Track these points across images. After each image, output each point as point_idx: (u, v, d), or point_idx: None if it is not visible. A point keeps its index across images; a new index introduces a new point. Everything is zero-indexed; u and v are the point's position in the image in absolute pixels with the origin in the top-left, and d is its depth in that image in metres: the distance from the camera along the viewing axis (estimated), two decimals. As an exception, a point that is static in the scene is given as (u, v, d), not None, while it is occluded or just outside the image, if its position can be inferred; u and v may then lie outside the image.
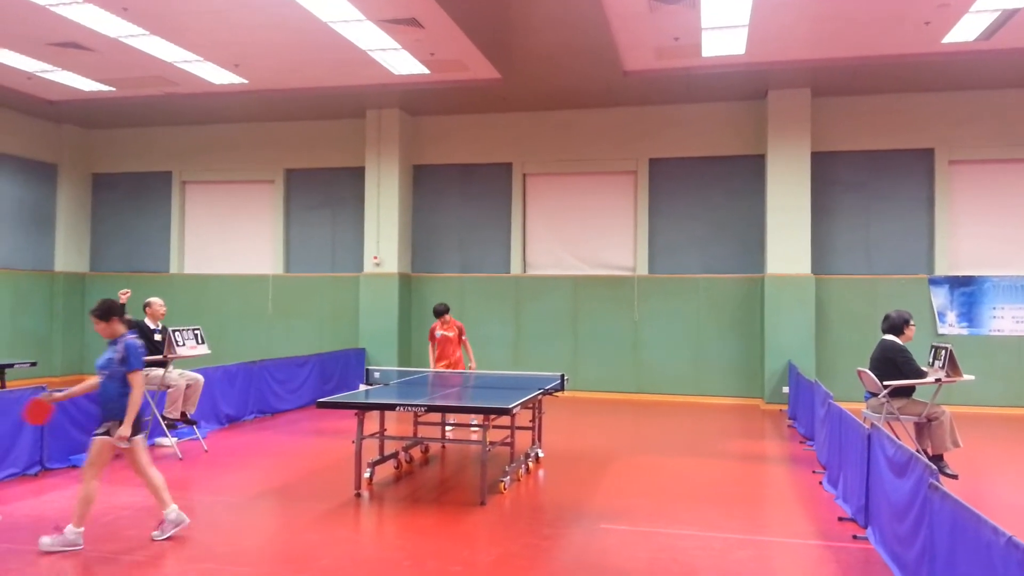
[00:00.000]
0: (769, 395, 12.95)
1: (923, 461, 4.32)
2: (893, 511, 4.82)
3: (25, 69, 12.26)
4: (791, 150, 12.94)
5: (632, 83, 12.64)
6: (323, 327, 15.33)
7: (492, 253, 14.82)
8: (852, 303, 13.09)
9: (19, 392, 7.39)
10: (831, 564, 5.14)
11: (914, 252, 13.09)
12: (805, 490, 7.21)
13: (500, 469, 7.38)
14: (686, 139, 13.92)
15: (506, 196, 14.76)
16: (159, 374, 8.50)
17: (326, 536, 5.66)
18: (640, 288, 14.04)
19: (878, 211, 13.23)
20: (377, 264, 14.55)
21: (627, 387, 14.00)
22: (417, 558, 5.18)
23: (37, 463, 7.44)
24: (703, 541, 5.61)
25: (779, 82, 12.65)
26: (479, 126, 14.83)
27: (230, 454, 8.71)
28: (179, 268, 16.21)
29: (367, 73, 12.24)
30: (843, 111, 13.25)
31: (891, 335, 7.79)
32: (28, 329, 15.29)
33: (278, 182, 15.72)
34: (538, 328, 14.42)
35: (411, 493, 7.03)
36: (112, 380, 5.41)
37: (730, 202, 13.82)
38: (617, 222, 14.35)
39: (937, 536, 3.77)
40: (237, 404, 10.72)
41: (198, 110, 14.84)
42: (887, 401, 7.44)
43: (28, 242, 15.51)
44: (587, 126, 14.35)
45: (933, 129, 12.97)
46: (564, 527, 5.95)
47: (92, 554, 5.15)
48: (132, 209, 16.56)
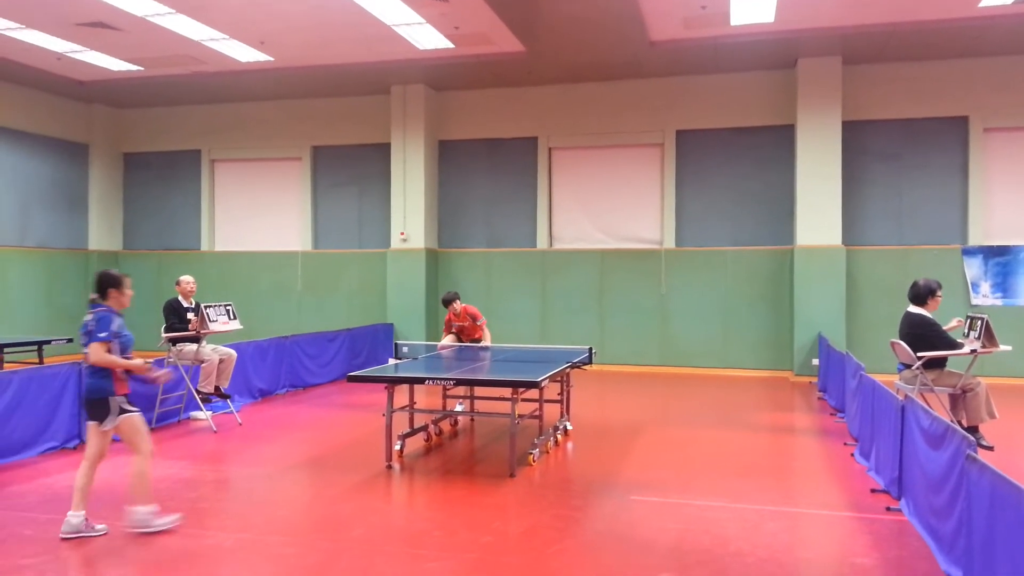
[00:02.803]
0: (799, 367, 12.86)
1: (960, 432, 4.26)
2: (928, 483, 4.78)
3: (55, 50, 12.37)
4: (821, 119, 12.72)
5: (659, 53, 12.46)
6: (351, 303, 15.44)
7: (518, 227, 14.79)
8: (883, 274, 12.90)
9: (56, 368, 7.54)
10: (864, 536, 5.11)
11: (947, 222, 12.85)
12: (837, 462, 7.17)
13: (529, 442, 7.42)
14: (714, 110, 13.74)
15: (532, 170, 14.70)
16: (193, 349, 8.63)
17: (358, 506, 5.74)
18: (667, 261, 13.95)
19: (910, 180, 12.99)
20: (404, 240, 14.59)
21: (654, 360, 13.97)
22: (448, 528, 5.24)
23: (75, 436, 7.60)
24: (734, 512, 5.61)
25: (809, 50, 12.41)
26: (504, 100, 14.74)
27: (263, 427, 8.84)
28: (210, 246, 16.39)
29: (392, 48, 12.20)
30: (875, 79, 12.97)
31: (915, 305, 7.67)
32: (63, 307, 15.56)
33: (305, 159, 15.79)
34: (565, 302, 14.40)
35: (441, 465, 7.10)
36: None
37: (759, 173, 13.65)
38: (644, 195, 14.24)
39: (975, 508, 3.73)
40: (269, 378, 10.86)
41: (225, 88, 14.90)
42: (921, 372, 7.35)
43: (62, 221, 15.75)
44: (613, 98, 14.20)
45: (968, 96, 12.67)
46: (594, 498, 5.98)
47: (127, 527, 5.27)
48: (163, 188, 16.73)
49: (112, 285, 5.28)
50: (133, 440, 5.20)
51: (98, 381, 5.11)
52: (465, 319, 9.86)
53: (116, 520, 5.33)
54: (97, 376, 5.12)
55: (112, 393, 5.12)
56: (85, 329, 5.14)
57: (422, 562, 4.64)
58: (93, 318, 5.13)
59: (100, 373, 5.12)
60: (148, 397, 8.51)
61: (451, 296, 9.80)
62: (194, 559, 4.66)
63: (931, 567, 4.47)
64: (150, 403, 8.51)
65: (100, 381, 5.11)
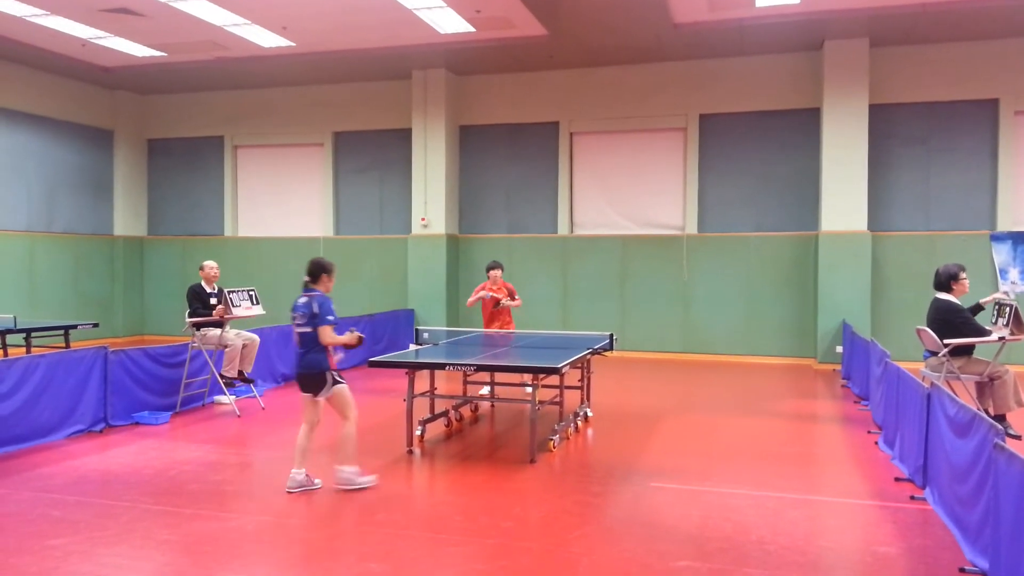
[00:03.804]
0: (822, 355, 12.74)
1: (987, 421, 4.20)
2: (954, 472, 4.71)
3: (79, 36, 12.47)
4: (848, 103, 12.53)
5: (683, 36, 12.32)
6: (373, 288, 15.50)
7: (539, 213, 14.74)
8: (910, 260, 12.73)
9: (83, 352, 7.64)
10: (888, 524, 5.06)
11: (975, 207, 12.64)
12: (860, 450, 7.10)
13: (549, 428, 7.42)
14: (738, 93, 13.57)
15: (553, 155, 14.63)
16: (217, 334, 8.70)
17: (379, 491, 5.77)
18: (690, 247, 13.85)
19: (938, 165, 12.77)
20: (425, 226, 14.60)
21: (676, 347, 13.91)
22: (469, 513, 5.26)
23: (102, 420, 7.71)
24: (756, 500, 5.58)
25: (836, 32, 12.21)
26: (525, 84, 14.66)
27: (286, 411, 8.91)
28: (233, 231, 16.50)
29: (413, 33, 12.17)
30: (902, 61, 12.75)
31: (942, 291, 7.56)
32: (90, 291, 15.77)
33: (327, 145, 15.82)
34: (586, 288, 14.36)
35: (462, 450, 7.12)
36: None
37: (783, 158, 13.49)
38: (666, 180, 14.13)
39: (1003, 497, 3.67)
40: (292, 363, 10.91)
41: (248, 74, 14.96)
42: (947, 360, 7.25)
43: (88, 207, 15.93)
44: (636, 82, 14.08)
45: (998, 78, 12.41)
46: (614, 485, 5.97)
47: (154, 507, 5.34)
48: (186, 174, 16.86)
49: (324, 271, 5.88)
50: (343, 408, 5.83)
51: (316, 357, 5.70)
52: (501, 290, 9.86)
53: (139, 496, 5.41)
54: (315, 352, 5.70)
55: (328, 368, 5.74)
56: (306, 310, 5.70)
57: (443, 546, 4.66)
58: (315, 302, 5.70)
59: (318, 350, 5.70)
60: (172, 381, 8.62)
61: (495, 264, 9.85)
62: (218, 541, 4.71)
63: (956, 556, 4.42)
64: (174, 387, 8.60)
65: (318, 357, 5.71)
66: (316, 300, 5.72)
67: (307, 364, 5.74)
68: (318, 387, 5.77)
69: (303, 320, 5.72)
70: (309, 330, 5.70)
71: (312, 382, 5.77)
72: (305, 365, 5.76)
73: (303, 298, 5.80)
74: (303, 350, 5.77)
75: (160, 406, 8.42)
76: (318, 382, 5.76)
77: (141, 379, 8.24)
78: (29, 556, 4.42)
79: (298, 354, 5.85)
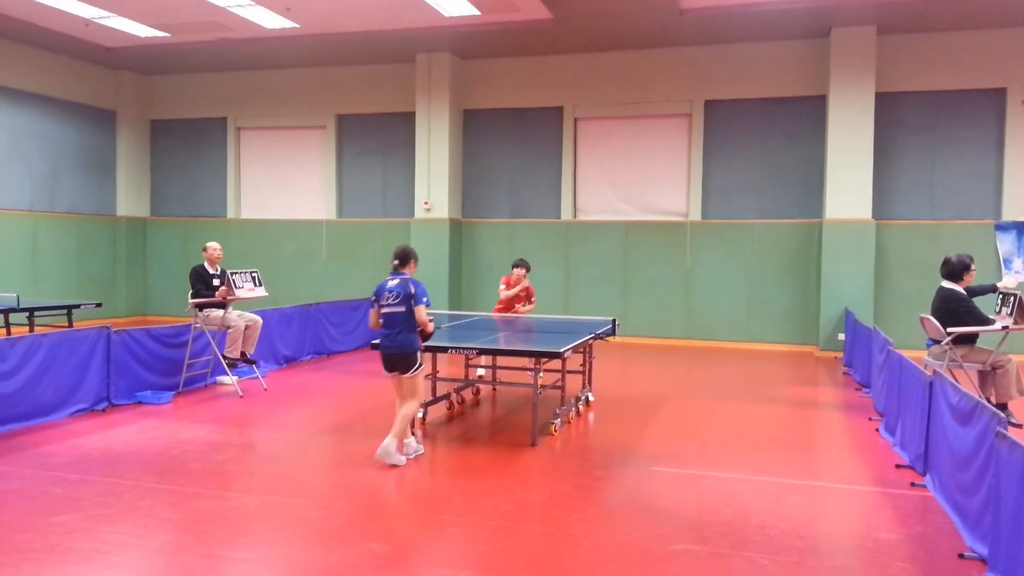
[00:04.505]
0: (824, 342, 12.74)
1: (990, 409, 4.20)
2: (955, 459, 4.72)
3: (83, 16, 12.40)
4: (854, 90, 12.45)
5: (688, 22, 12.23)
6: (375, 271, 15.46)
7: (542, 198, 14.71)
8: (914, 249, 12.70)
9: (85, 332, 7.65)
10: (888, 511, 5.08)
11: (980, 196, 12.59)
12: (861, 437, 7.12)
13: (551, 412, 7.43)
14: (743, 80, 13.50)
15: (557, 140, 14.58)
16: (219, 315, 8.71)
17: (381, 472, 5.79)
18: (693, 233, 13.82)
19: (943, 154, 12.72)
20: (428, 209, 14.57)
21: (678, 333, 13.91)
22: (469, 496, 5.27)
23: (104, 399, 7.73)
24: (756, 485, 5.59)
25: (843, 19, 12.12)
26: (529, 69, 14.59)
27: (288, 393, 8.94)
28: (236, 213, 16.49)
29: (417, 16, 12.09)
30: (910, 49, 12.66)
31: (949, 281, 7.55)
32: (93, 272, 15.79)
33: (330, 128, 15.77)
34: (588, 274, 14.35)
35: (463, 433, 7.14)
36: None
37: (788, 145, 13.43)
38: (670, 166, 14.08)
39: (1004, 485, 3.68)
40: (294, 345, 10.97)
41: (251, 56, 14.89)
42: (950, 348, 7.25)
43: (91, 187, 15.91)
44: (640, 67, 14.00)
45: (1006, 67, 12.33)
46: (615, 469, 5.99)
47: (157, 486, 5.36)
48: (189, 155, 16.82)
49: (414, 258, 6.16)
50: (417, 388, 6.03)
51: (409, 337, 5.94)
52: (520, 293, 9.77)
53: (142, 474, 5.44)
54: (408, 332, 5.93)
55: (419, 348, 6.02)
56: (402, 290, 5.93)
57: (444, 527, 4.68)
58: (411, 283, 5.96)
59: (410, 329, 5.93)
60: (175, 362, 8.64)
61: (521, 263, 9.72)
62: (221, 520, 4.73)
63: (955, 543, 4.43)
64: (177, 367, 8.62)
65: (411, 337, 5.95)
66: (411, 282, 5.98)
67: (400, 344, 5.91)
68: (408, 366, 5.95)
69: (396, 300, 5.91)
70: (402, 310, 5.90)
71: (403, 361, 5.95)
72: (398, 345, 5.92)
73: (394, 280, 6.00)
74: (394, 330, 5.92)
75: (163, 386, 8.44)
76: (409, 362, 5.94)
77: (144, 359, 8.25)
78: (33, 533, 4.44)
79: (386, 334, 5.96)
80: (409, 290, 5.93)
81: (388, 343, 5.96)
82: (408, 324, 5.92)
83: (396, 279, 6.01)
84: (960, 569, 4.11)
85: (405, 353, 5.95)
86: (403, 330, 5.92)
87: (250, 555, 4.27)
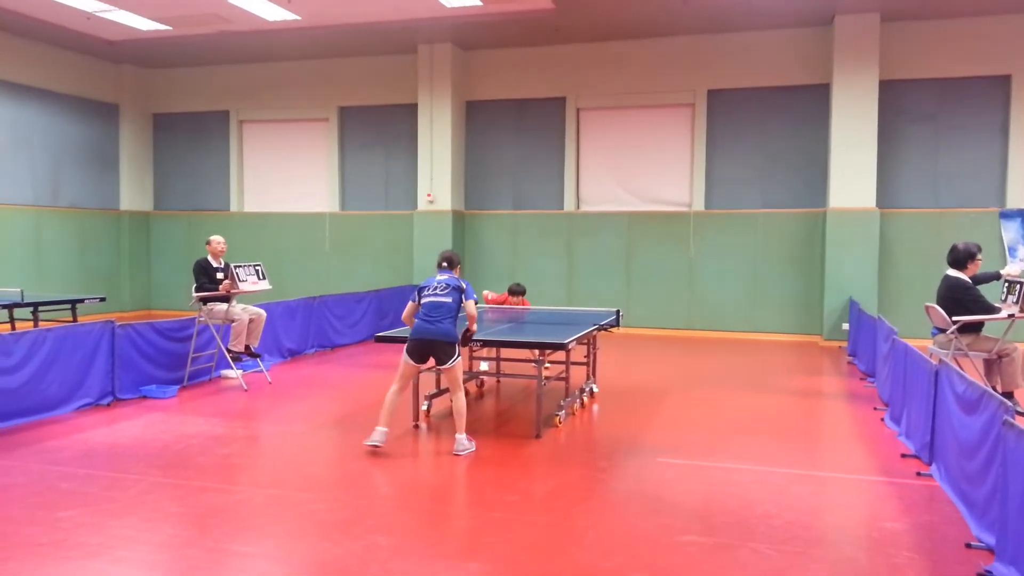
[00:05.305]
0: (828, 332, 12.71)
1: (997, 398, 4.19)
2: (961, 449, 4.71)
3: (84, 9, 12.37)
4: (858, 79, 12.39)
5: (691, 10, 12.17)
6: (379, 264, 15.50)
7: (545, 189, 14.68)
8: (918, 238, 12.66)
9: (90, 326, 7.65)
10: (894, 500, 5.07)
11: (985, 184, 12.54)
12: (866, 426, 7.10)
13: (555, 403, 7.43)
14: (746, 69, 13.43)
15: (559, 131, 14.53)
16: (223, 309, 8.71)
17: (386, 465, 5.79)
18: (696, 224, 13.79)
19: (948, 142, 12.66)
20: (431, 201, 14.55)
21: (682, 324, 13.90)
22: (475, 487, 5.28)
23: (109, 394, 7.74)
24: (761, 475, 5.59)
25: (847, 6, 12.05)
26: (532, 59, 14.53)
27: (293, 386, 8.94)
28: (239, 206, 16.48)
29: (419, 6, 12.05)
30: (914, 36, 12.58)
31: (955, 269, 7.52)
32: (97, 266, 15.80)
33: (332, 120, 15.75)
34: (592, 265, 14.33)
35: (468, 425, 7.12)
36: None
37: (792, 134, 13.38)
38: (673, 157, 14.03)
39: (1011, 474, 3.67)
40: (298, 338, 10.97)
41: (252, 49, 14.85)
42: (955, 337, 7.23)
43: (93, 182, 15.90)
44: (643, 57, 13.94)
45: (1011, 54, 12.24)
46: (620, 460, 5.99)
47: (163, 480, 5.38)
48: (192, 148, 16.81)
49: (459, 263, 6.57)
50: (457, 379, 6.16)
51: (452, 327, 6.12)
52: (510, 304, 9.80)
53: (148, 468, 5.45)
54: (451, 323, 6.11)
55: (459, 340, 6.19)
56: (455, 283, 6.21)
57: (449, 519, 4.68)
58: (459, 281, 6.26)
59: (453, 320, 6.13)
60: (179, 356, 8.64)
61: (519, 289, 9.73)
62: (226, 514, 4.74)
63: (962, 532, 4.42)
64: (181, 361, 8.63)
65: (453, 328, 6.13)
66: (461, 280, 6.30)
67: (443, 332, 6.05)
68: (447, 356, 6.08)
69: (446, 291, 6.15)
70: (449, 300, 6.12)
71: (443, 350, 6.07)
72: (442, 332, 6.04)
73: (445, 275, 6.31)
74: (437, 317, 6.06)
75: (167, 380, 8.45)
76: (449, 351, 6.07)
77: (148, 353, 8.26)
78: (39, 527, 4.46)
79: (427, 320, 6.08)
80: (460, 285, 6.22)
81: (430, 327, 6.05)
82: (452, 315, 6.12)
83: (446, 275, 6.33)
84: (967, 558, 4.10)
85: (447, 341, 6.07)
86: (447, 319, 6.09)
87: (256, 548, 4.27)
